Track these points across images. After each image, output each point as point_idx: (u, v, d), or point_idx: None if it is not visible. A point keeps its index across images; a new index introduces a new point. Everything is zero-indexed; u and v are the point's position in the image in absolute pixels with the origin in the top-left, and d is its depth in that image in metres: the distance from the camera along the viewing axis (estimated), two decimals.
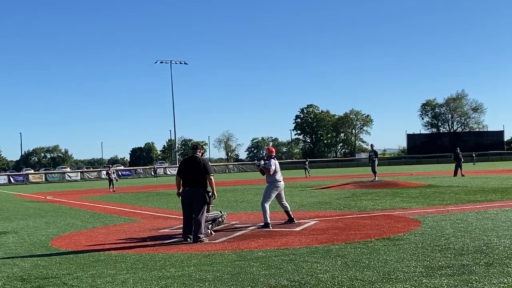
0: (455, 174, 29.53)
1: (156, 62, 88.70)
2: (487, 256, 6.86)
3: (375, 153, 27.95)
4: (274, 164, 11.23)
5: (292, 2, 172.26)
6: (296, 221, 11.37)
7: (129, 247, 9.27)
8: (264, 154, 11.52)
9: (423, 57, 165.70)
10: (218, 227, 10.56)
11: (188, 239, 9.48)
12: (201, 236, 9.37)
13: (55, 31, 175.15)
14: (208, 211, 9.95)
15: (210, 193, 9.72)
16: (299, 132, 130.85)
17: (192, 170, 9.69)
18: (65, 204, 21.72)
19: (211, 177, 9.76)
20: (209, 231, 10.02)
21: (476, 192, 17.81)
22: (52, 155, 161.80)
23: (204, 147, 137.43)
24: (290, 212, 11.45)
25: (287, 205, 11.43)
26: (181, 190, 9.87)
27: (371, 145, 30.05)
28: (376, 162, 27.21)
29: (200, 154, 10.08)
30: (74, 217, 15.65)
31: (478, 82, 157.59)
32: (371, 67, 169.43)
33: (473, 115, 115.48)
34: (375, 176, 26.19)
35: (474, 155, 65.93)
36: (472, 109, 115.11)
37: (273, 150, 11.76)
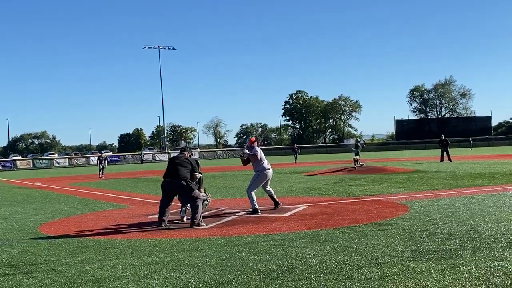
0: (442, 159, 29.84)
1: (144, 48, 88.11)
2: (474, 241, 6.93)
3: (355, 145, 28.78)
4: (260, 151, 11.25)
5: None
6: (281, 204, 11.44)
7: (118, 232, 9.26)
8: (246, 145, 11.49)
9: (412, 43, 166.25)
10: (204, 210, 10.53)
11: (162, 225, 9.52)
12: (197, 221, 9.37)
13: (41, 16, 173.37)
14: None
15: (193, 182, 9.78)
16: (288, 118, 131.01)
17: (178, 165, 9.73)
18: (54, 190, 21.63)
19: (197, 175, 9.86)
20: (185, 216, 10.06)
21: (464, 177, 17.96)
22: (40, 141, 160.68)
23: (193, 133, 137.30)
24: (275, 196, 11.48)
25: (270, 189, 11.46)
26: (161, 182, 9.94)
27: (356, 140, 30.89)
28: (355, 152, 27.45)
29: (188, 155, 10.23)
30: (63, 203, 15.60)
31: (466, 68, 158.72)
32: (360, 53, 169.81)
33: (461, 100, 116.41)
34: (355, 163, 26.22)
35: (471, 139, 66.72)
36: (460, 94, 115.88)
37: (255, 140, 11.75)
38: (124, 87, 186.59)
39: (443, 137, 30.93)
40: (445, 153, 30.09)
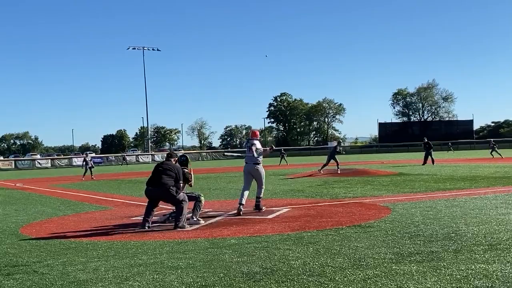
0: (425, 162, 30.12)
1: (128, 48, 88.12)
2: (455, 243, 7.00)
3: (335, 148, 28.05)
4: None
5: None
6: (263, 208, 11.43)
7: (101, 234, 9.20)
8: (249, 136, 11.66)
9: (395, 47, 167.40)
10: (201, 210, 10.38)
11: (147, 227, 9.48)
12: (181, 223, 9.35)
13: (23, 16, 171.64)
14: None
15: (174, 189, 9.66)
16: (272, 120, 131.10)
17: (162, 173, 9.63)
18: (36, 192, 21.43)
19: (180, 184, 9.74)
20: (198, 219, 9.94)
21: (446, 180, 18.12)
22: (22, 141, 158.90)
23: (177, 134, 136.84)
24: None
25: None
26: (145, 188, 9.86)
27: (338, 141, 30.88)
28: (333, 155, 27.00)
29: (174, 162, 10.14)
30: (45, 204, 15.46)
31: (449, 71, 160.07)
32: (343, 56, 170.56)
33: (444, 104, 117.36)
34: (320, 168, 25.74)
35: (450, 144, 67.31)
36: (442, 98, 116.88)
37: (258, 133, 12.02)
38: (107, 88, 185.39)
39: (426, 140, 31.27)
40: (429, 156, 30.36)
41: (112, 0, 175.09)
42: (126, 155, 75.60)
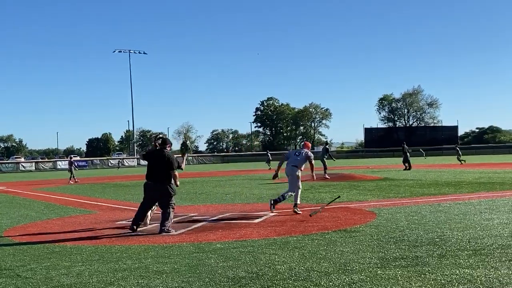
0: (409, 167, 30.41)
1: (114, 51, 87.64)
2: (440, 248, 7.04)
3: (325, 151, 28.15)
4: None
5: None
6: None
7: (85, 238, 9.13)
8: (301, 147, 12.69)
9: (381, 53, 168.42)
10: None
11: (134, 229, 9.47)
12: (166, 227, 9.30)
13: (7, 17, 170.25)
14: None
15: (173, 187, 9.72)
16: (259, 124, 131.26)
17: (158, 164, 9.63)
18: (19, 195, 21.23)
19: (175, 172, 9.74)
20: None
21: (430, 186, 18.24)
22: (6, 144, 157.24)
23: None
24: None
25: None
26: (145, 183, 9.83)
27: (325, 142, 31.01)
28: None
29: (169, 149, 10.06)
30: (29, 208, 15.32)
31: (434, 78, 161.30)
32: (331, 61, 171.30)
33: (429, 110, 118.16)
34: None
35: (421, 150, 67.70)
36: (427, 104, 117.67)
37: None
38: (93, 90, 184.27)
39: (404, 145, 31.85)
40: (407, 160, 30.87)
41: (98, 3, 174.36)
42: (124, 159, 75.81)
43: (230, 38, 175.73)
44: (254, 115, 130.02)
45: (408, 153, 30.90)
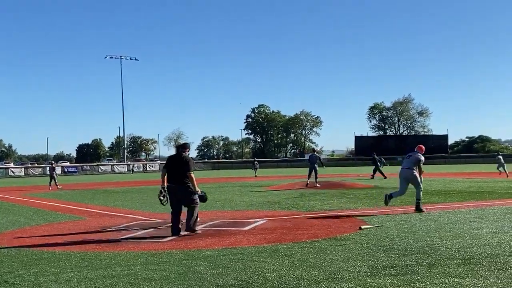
0: (383, 175, 31.26)
1: (106, 57, 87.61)
2: (429, 257, 7.06)
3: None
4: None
5: (244, 1, 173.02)
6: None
7: (74, 244, 9.08)
8: (416, 150, 13.21)
9: (372, 61, 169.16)
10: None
11: (177, 234, 9.63)
12: (191, 226, 9.74)
13: (0, 24, 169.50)
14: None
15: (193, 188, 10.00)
16: (250, 131, 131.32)
17: (177, 166, 10.00)
18: (8, 201, 21.08)
19: (192, 174, 10.03)
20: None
21: None
22: None
23: (154, 144, 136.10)
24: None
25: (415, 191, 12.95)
26: (166, 185, 10.08)
27: (312, 149, 31.14)
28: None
29: (187, 152, 10.45)
30: (17, 214, 15.21)
31: (424, 87, 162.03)
32: (321, 69, 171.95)
33: (419, 119, 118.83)
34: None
35: (382, 159, 68.13)
36: (418, 113, 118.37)
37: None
38: (84, 96, 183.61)
39: (375, 155, 32.74)
40: (377, 170, 31.91)
41: (90, 9, 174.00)
42: (134, 164, 76.33)
43: (222, 45, 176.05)
44: (245, 122, 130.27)
45: (379, 163, 32.14)
